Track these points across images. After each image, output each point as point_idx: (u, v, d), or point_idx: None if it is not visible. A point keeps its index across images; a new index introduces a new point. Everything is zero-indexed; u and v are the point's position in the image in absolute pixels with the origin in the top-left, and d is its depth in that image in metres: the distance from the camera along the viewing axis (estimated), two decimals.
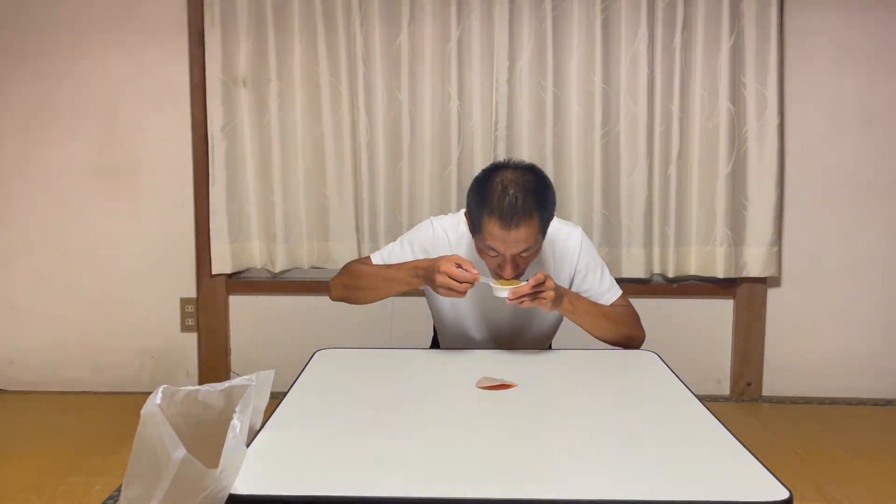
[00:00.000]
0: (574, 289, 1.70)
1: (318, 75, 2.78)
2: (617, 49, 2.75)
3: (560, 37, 2.75)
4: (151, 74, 2.86)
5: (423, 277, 1.54)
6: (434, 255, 1.63)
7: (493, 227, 1.47)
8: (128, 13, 2.84)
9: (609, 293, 1.71)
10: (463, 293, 1.48)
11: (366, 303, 1.68)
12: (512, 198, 1.46)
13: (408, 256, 1.68)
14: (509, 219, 1.45)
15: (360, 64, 2.75)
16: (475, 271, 1.48)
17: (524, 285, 1.47)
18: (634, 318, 1.71)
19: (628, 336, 1.69)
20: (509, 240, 1.47)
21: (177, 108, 2.86)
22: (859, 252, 2.89)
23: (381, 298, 1.66)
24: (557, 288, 1.52)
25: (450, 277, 1.46)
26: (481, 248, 1.56)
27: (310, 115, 2.81)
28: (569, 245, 1.70)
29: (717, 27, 2.72)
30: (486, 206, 1.49)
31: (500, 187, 1.48)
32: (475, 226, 1.55)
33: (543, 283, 1.48)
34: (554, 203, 1.56)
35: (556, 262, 1.70)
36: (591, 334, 1.67)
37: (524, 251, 1.51)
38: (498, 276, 1.56)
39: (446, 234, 1.70)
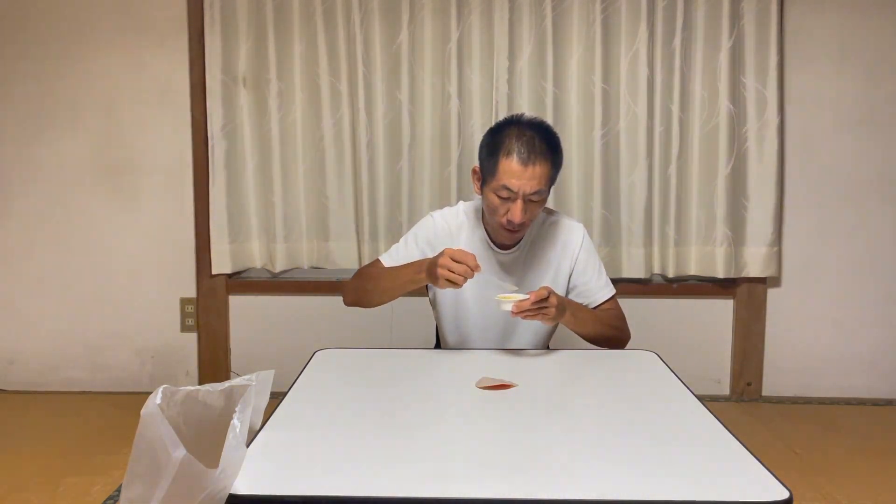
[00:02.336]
0: (572, 282, 1.75)
1: (318, 75, 2.78)
2: (617, 49, 2.75)
3: (560, 37, 2.75)
4: (151, 74, 2.86)
5: (427, 272, 1.55)
6: (438, 246, 1.69)
7: (510, 165, 1.54)
8: (128, 13, 2.84)
9: (603, 291, 1.76)
10: (461, 280, 1.48)
11: (378, 304, 1.71)
12: (530, 139, 1.56)
13: (413, 251, 1.73)
14: (527, 156, 1.54)
15: (360, 64, 2.75)
16: (475, 263, 1.49)
17: (526, 300, 1.49)
18: (622, 320, 1.77)
19: (617, 338, 1.74)
20: (525, 176, 1.54)
21: (177, 108, 2.86)
22: (859, 252, 2.89)
23: (392, 298, 1.69)
24: (559, 303, 1.55)
25: (449, 270, 1.48)
26: (493, 191, 1.58)
27: (310, 115, 2.81)
28: (571, 239, 1.75)
29: (717, 27, 2.72)
30: (502, 148, 1.56)
31: (516, 131, 1.57)
32: (488, 170, 1.59)
33: (547, 298, 1.50)
34: (562, 158, 1.63)
35: (557, 252, 1.74)
36: (582, 337, 1.71)
37: (535, 194, 1.56)
38: (504, 241, 1.66)
39: (447, 223, 1.74)
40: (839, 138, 2.84)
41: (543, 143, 1.56)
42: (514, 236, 1.67)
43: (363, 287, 1.72)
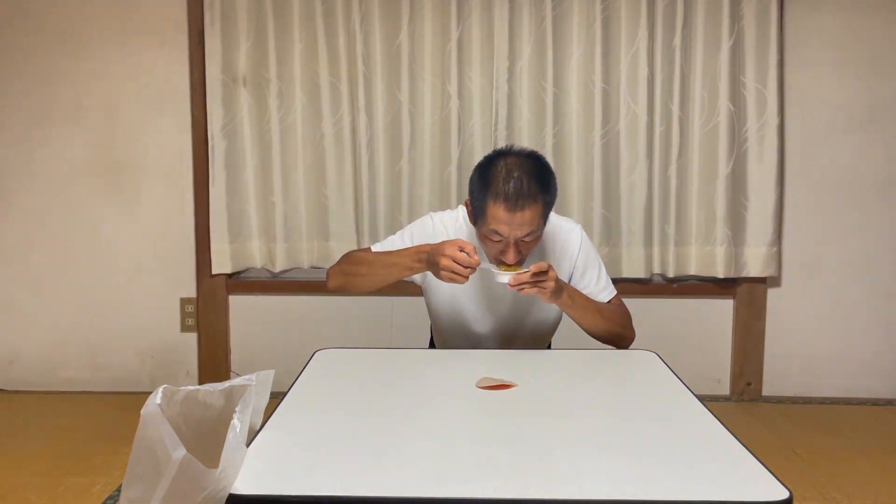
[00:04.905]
0: (572, 285, 1.72)
1: (318, 75, 2.78)
2: (617, 49, 2.75)
3: (560, 37, 2.75)
4: (151, 74, 2.86)
5: (426, 261, 1.52)
6: None
7: (498, 211, 1.49)
8: (128, 13, 2.84)
9: (605, 291, 1.73)
10: (465, 278, 1.46)
11: (365, 290, 1.66)
12: (517, 181, 1.48)
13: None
14: (514, 202, 1.47)
15: (360, 64, 2.75)
16: (477, 257, 1.47)
17: (526, 272, 1.48)
18: (627, 318, 1.73)
19: (619, 335, 1.71)
20: (514, 223, 1.48)
21: (177, 108, 2.86)
22: (859, 252, 2.89)
23: (381, 285, 1.64)
24: (558, 280, 1.53)
25: (454, 261, 1.45)
26: (484, 234, 1.56)
27: (310, 115, 2.81)
28: (569, 241, 1.73)
29: (717, 27, 2.72)
30: (490, 190, 1.50)
31: (504, 171, 1.50)
32: (478, 211, 1.55)
33: (546, 272, 1.48)
34: (556, 189, 1.57)
35: (556, 257, 1.72)
36: (584, 328, 1.68)
37: (527, 235, 1.52)
38: (500, 262, 1.57)
39: (445, 227, 1.71)
40: (839, 138, 2.84)
41: (534, 183, 1.49)
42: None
43: (354, 271, 1.67)
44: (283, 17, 2.76)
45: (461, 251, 1.46)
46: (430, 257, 1.51)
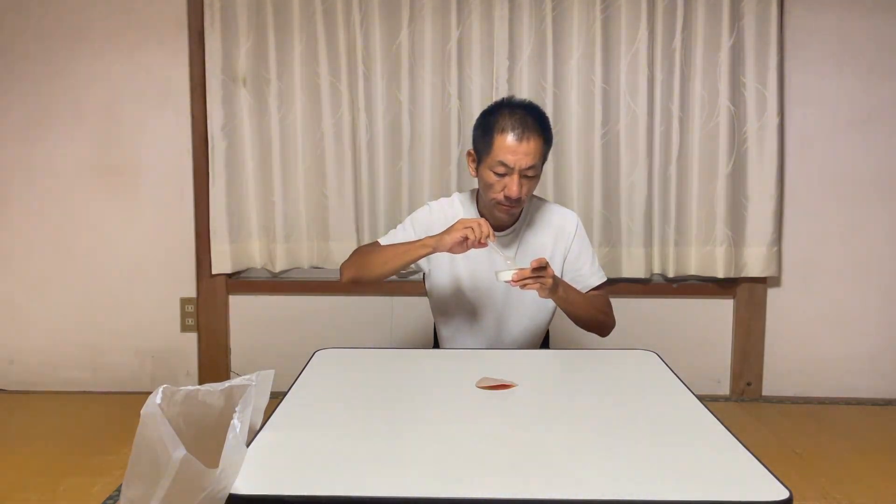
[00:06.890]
0: (566, 267, 1.82)
1: (318, 75, 2.78)
2: (617, 49, 2.75)
3: (560, 37, 2.75)
4: (151, 74, 2.86)
5: (442, 233, 1.62)
6: (434, 231, 1.73)
7: (505, 141, 1.62)
8: (128, 13, 2.84)
9: (597, 275, 1.83)
10: (479, 229, 1.55)
11: (379, 275, 1.72)
12: (522, 118, 1.64)
13: (410, 235, 1.79)
14: (521, 132, 1.62)
15: (360, 64, 2.75)
16: (489, 230, 1.58)
17: (526, 269, 1.55)
18: (609, 307, 1.85)
19: (603, 322, 1.81)
20: (520, 151, 1.62)
21: (177, 108, 2.86)
22: (859, 252, 2.89)
23: (395, 268, 1.70)
24: (554, 277, 1.61)
25: (468, 227, 1.57)
26: (489, 168, 1.65)
27: (310, 115, 2.81)
28: (565, 226, 1.83)
29: (717, 27, 2.72)
30: (496, 127, 1.64)
31: (508, 111, 1.66)
32: (484, 150, 1.66)
33: (545, 268, 1.56)
34: (552, 136, 1.71)
35: (552, 239, 1.81)
36: (573, 319, 1.76)
37: (529, 169, 1.63)
38: (498, 204, 1.67)
39: (443, 211, 1.82)
40: (839, 138, 2.84)
41: (535, 120, 1.64)
42: (511, 211, 1.71)
43: (366, 261, 1.75)
44: (283, 16, 2.76)
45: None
46: (444, 233, 1.61)
